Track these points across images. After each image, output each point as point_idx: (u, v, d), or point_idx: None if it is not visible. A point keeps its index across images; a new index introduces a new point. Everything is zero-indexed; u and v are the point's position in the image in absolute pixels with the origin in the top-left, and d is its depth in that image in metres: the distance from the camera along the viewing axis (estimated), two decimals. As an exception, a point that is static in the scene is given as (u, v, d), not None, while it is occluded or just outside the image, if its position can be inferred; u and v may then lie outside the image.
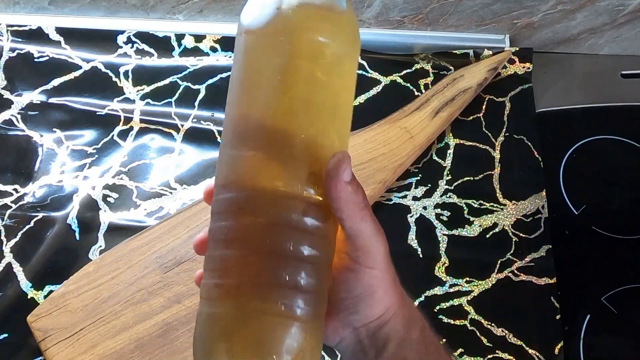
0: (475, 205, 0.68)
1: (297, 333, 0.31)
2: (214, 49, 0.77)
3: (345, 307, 0.35)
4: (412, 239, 0.66)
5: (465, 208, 0.68)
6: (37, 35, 0.77)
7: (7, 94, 0.74)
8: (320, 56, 0.33)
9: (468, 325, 0.62)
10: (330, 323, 0.35)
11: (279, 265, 0.31)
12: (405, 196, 0.68)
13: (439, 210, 0.68)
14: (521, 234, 0.66)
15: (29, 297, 0.63)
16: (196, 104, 0.74)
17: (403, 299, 0.37)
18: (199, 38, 0.77)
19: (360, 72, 0.75)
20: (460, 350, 0.61)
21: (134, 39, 0.78)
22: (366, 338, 0.35)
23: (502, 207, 0.68)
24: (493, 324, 0.62)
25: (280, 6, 0.33)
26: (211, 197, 0.35)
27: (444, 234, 0.66)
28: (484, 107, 0.74)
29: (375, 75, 0.75)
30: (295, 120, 0.33)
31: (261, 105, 0.33)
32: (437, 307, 0.63)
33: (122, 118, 0.73)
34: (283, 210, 0.32)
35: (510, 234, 0.66)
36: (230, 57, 0.76)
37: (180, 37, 0.77)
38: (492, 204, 0.68)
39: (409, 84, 0.75)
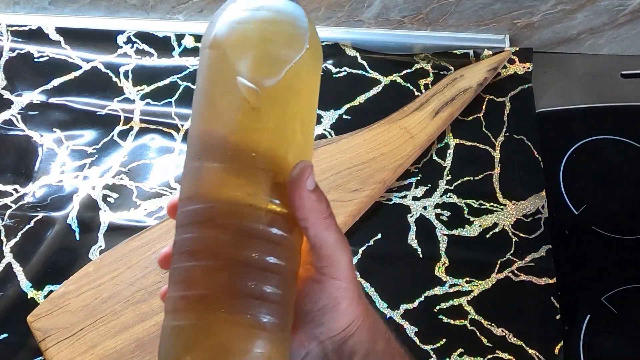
0: (475, 205, 0.68)
1: (263, 343, 0.31)
2: (214, 49, 0.77)
3: (311, 320, 0.35)
4: (412, 239, 0.66)
5: (465, 208, 0.68)
6: (37, 35, 0.77)
7: (7, 94, 0.74)
8: (281, 69, 0.33)
9: (468, 325, 0.62)
10: (296, 336, 0.35)
11: (245, 275, 0.31)
12: (405, 196, 0.68)
13: (439, 210, 0.68)
14: (521, 234, 0.66)
15: (29, 297, 0.63)
16: (196, 104, 0.74)
17: (367, 310, 0.37)
18: (198, 38, 0.77)
19: (360, 72, 0.75)
20: (460, 350, 0.61)
21: (134, 39, 0.78)
22: (332, 352, 0.35)
23: (502, 207, 0.68)
24: (493, 324, 0.62)
25: (241, 22, 0.34)
26: (175, 211, 0.35)
27: (444, 234, 0.66)
28: (484, 107, 0.74)
29: (375, 75, 0.75)
30: (258, 131, 0.33)
31: (224, 118, 0.33)
32: (437, 307, 0.63)
33: (122, 118, 0.73)
34: (248, 221, 0.32)
35: (510, 234, 0.66)
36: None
37: (180, 37, 0.77)
38: (492, 204, 0.68)
39: (409, 84, 0.75)
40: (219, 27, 0.34)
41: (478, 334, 0.61)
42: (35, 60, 0.76)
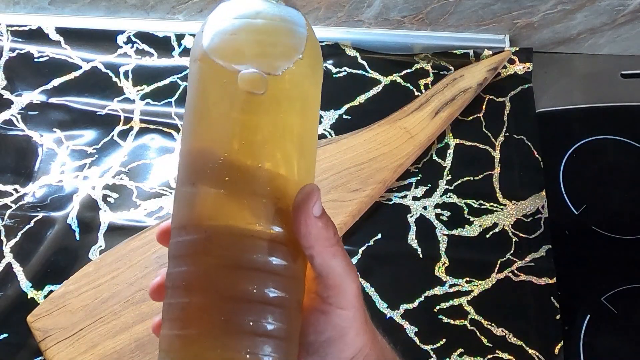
0: (475, 205, 0.68)
1: None
2: (214, 49, 0.77)
3: (315, 350, 0.33)
4: (412, 239, 0.66)
5: (465, 208, 0.68)
6: (37, 35, 0.77)
7: (7, 94, 0.74)
8: (279, 84, 0.31)
9: (468, 325, 0.62)
10: None
11: (244, 310, 0.29)
12: (405, 196, 0.68)
13: (439, 210, 0.68)
14: (521, 234, 0.66)
15: (29, 297, 0.63)
16: (196, 104, 0.73)
17: (375, 337, 0.35)
18: (199, 38, 0.77)
19: (360, 72, 0.75)
20: (460, 350, 0.61)
21: (134, 39, 0.78)
22: None
23: (502, 207, 0.68)
24: (493, 324, 0.62)
25: (234, 32, 0.31)
26: (166, 238, 0.33)
27: (444, 234, 0.66)
28: (484, 107, 0.74)
29: (375, 75, 0.75)
30: (257, 153, 0.30)
31: (219, 139, 0.31)
32: (437, 307, 0.63)
33: (122, 118, 0.73)
34: (247, 252, 0.30)
35: (510, 234, 0.66)
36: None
37: (180, 37, 0.77)
38: (492, 204, 0.68)
39: (409, 84, 0.75)
40: (211, 37, 0.31)
41: (478, 334, 0.61)
42: (35, 60, 0.76)
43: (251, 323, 0.29)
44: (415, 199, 0.68)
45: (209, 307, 0.29)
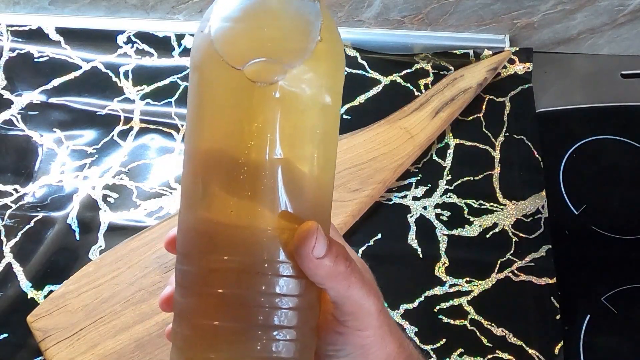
0: (475, 205, 0.68)
1: None
2: (214, 49, 0.77)
3: None
4: (412, 239, 0.66)
5: (465, 208, 0.68)
6: (37, 35, 0.77)
7: (7, 94, 0.74)
8: (295, 101, 0.28)
9: (468, 325, 0.62)
10: None
11: (251, 348, 0.28)
12: (405, 196, 0.68)
13: (439, 210, 0.68)
14: (521, 234, 0.66)
15: (29, 297, 0.63)
16: (196, 104, 0.73)
17: (401, 345, 0.34)
18: (199, 38, 0.77)
19: (360, 72, 0.75)
20: (460, 350, 0.61)
21: (134, 39, 0.78)
22: None
23: (502, 207, 0.68)
24: (493, 324, 0.62)
25: (248, 37, 0.28)
26: (173, 246, 0.32)
27: (444, 234, 0.66)
28: (484, 107, 0.74)
29: (375, 75, 0.75)
30: (266, 183, 0.28)
31: (228, 161, 0.28)
32: (437, 307, 0.63)
33: (122, 118, 0.73)
34: (254, 290, 0.28)
35: (510, 234, 0.66)
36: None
37: (180, 37, 0.77)
38: (492, 204, 0.68)
39: (409, 84, 0.75)
40: (217, 38, 0.28)
41: (478, 334, 0.61)
42: (35, 60, 0.76)
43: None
44: (415, 199, 0.68)
45: (213, 349, 0.28)
